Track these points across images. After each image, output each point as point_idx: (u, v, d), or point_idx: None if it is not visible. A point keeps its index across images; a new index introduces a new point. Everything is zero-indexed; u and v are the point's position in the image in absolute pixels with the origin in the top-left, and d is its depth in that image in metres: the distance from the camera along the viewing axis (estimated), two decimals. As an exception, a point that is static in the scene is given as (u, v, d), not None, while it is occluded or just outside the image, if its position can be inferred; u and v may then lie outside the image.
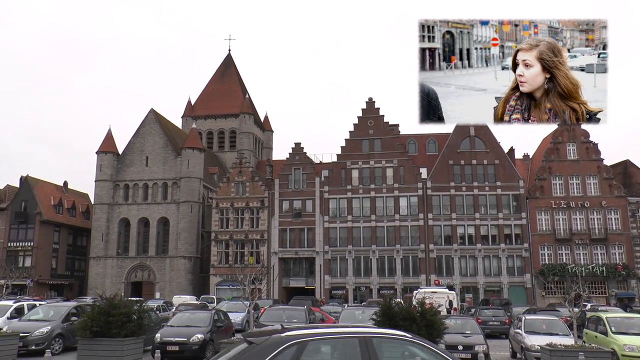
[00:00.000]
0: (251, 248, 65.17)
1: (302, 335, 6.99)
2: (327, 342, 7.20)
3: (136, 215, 70.65)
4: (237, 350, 6.93)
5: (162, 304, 40.38)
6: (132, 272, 69.80)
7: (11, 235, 74.03)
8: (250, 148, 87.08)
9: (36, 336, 20.35)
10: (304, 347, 6.81)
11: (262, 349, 6.65)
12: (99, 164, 71.85)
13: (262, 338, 6.90)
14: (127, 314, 16.87)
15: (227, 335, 20.61)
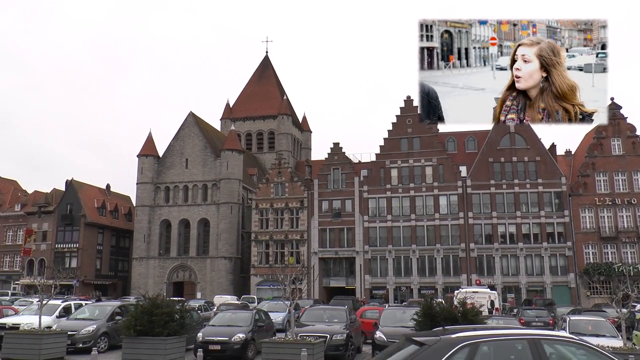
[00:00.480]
0: (291, 248, 65.43)
1: (474, 337, 6.93)
2: (497, 343, 7.09)
3: (177, 217, 71.60)
4: (407, 352, 6.86)
5: (204, 303, 40.80)
6: (173, 273, 70.76)
7: (58, 237, 76.11)
8: (288, 149, 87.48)
9: (83, 334, 20.84)
10: (477, 348, 6.75)
11: (435, 351, 6.59)
12: (140, 167, 73.07)
13: (432, 339, 6.84)
14: (169, 314, 17.12)
15: (268, 335, 20.68)
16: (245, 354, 18.76)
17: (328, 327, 19.26)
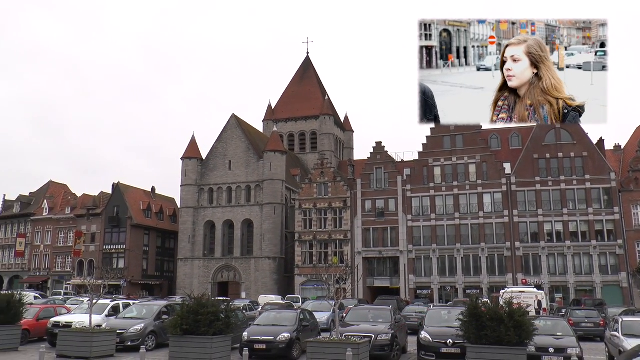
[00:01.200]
0: (335, 248, 65.46)
1: None
2: None
3: (221, 218, 72.35)
4: None
5: (249, 303, 41.07)
6: (218, 273, 71.53)
7: (106, 238, 77.87)
8: (331, 149, 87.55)
9: (131, 333, 21.29)
10: None
11: None
12: (184, 169, 74.12)
13: None
14: (215, 313, 17.30)
15: (313, 335, 20.71)
16: (291, 353, 18.83)
17: (373, 327, 19.18)
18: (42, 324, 24.28)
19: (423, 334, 18.26)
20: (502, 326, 14.67)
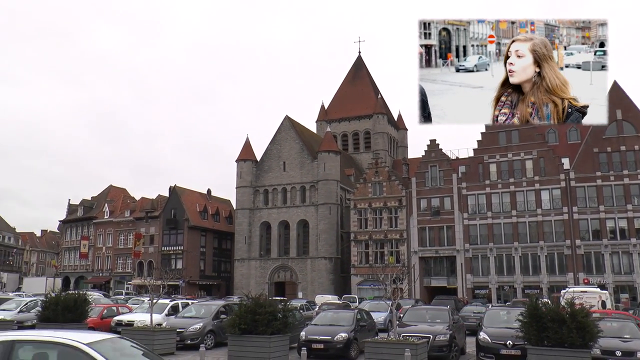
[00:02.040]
0: (391, 247, 65.11)
1: None
2: None
3: (276, 219, 72.92)
4: None
5: (305, 303, 41.27)
6: (274, 273, 72.11)
7: (164, 240, 79.61)
8: (385, 148, 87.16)
9: (191, 332, 21.67)
10: None
11: None
12: (239, 171, 75.02)
13: None
14: (272, 313, 17.39)
15: (371, 335, 20.61)
16: (348, 353, 18.79)
17: (431, 327, 18.93)
18: (106, 322, 25.11)
19: (482, 335, 17.94)
20: (564, 327, 14.26)
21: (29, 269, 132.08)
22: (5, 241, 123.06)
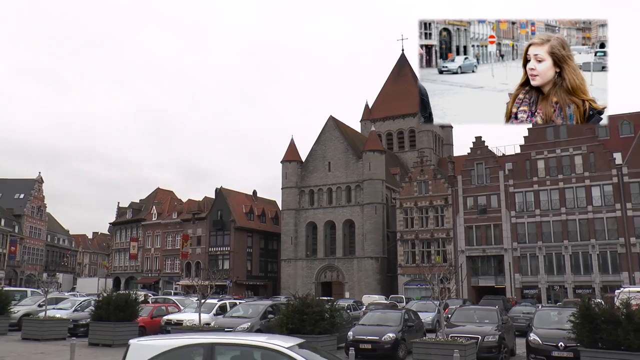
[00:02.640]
0: (437, 247, 64.51)
1: None
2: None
3: (322, 219, 73.04)
4: None
5: (352, 303, 41.23)
6: (321, 273, 72.25)
7: (211, 241, 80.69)
8: (430, 146, 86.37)
9: (238, 331, 21.81)
10: None
11: None
12: (284, 172, 75.43)
13: None
14: (319, 313, 17.44)
15: (418, 335, 20.44)
16: (396, 353, 18.68)
17: (479, 328, 18.66)
18: (155, 321, 25.56)
19: (532, 336, 17.51)
20: (619, 329, 13.78)
21: (82, 270, 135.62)
22: (60, 243, 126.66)
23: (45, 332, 23.48)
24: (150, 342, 7.82)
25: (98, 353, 19.88)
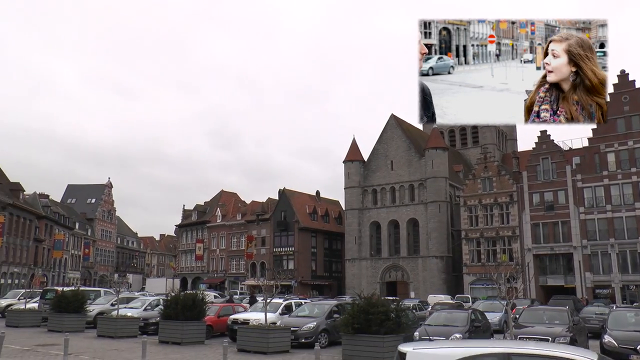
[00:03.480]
0: (503, 245, 63.14)
1: None
2: None
3: (385, 218, 72.68)
4: None
5: (418, 303, 40.86)
6: (385, 273, 71.90)
7: (275, 241, 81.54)
8: (493, 142, 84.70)
9: (305, 330, 22.04)
10: None
11: None
12: (347, 172, 75.46)
13: None
14: (385, 312, 17.35)
15: (486, 336, 20.09)
16: (463, 354, 18.38)
17: (549, 329, 18.09)
18: (222, 320, 26.05)
19: (607, 339, 16.76)
20: None
21: (150, 271, 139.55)
22: (129, 245, 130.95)
23: (118, 329, 24.55)
24: (432, 351, 7.25)
25: (168, 350, 20.45)
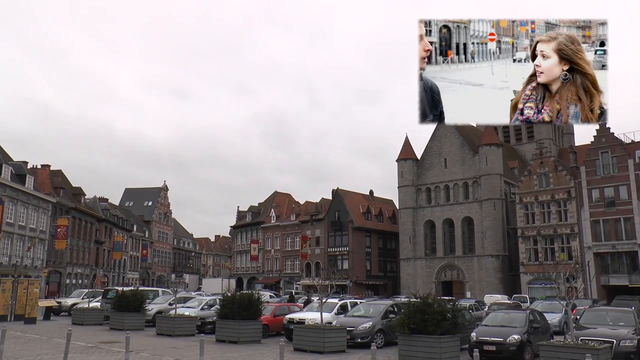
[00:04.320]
0: (561, 243, 61.50)
1: None
2: None
3: (440, 217, 71.94)
4: None
5: (474, 303, 40.28)
6: (441, 272, 71.14)
7: (329, 241, 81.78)
8: (549, 136, 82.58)
9: (360, 330, 22.03)
10: None
11: None
12: (400, 170, 75.03)
13: None
14: (441, 312, 17.17)
15: (545, 337, 19.47)
16: (522, 356, 17.93)
17: (613, 331, 17.49)
18: (278, 320, 26.38)
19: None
20: None
21: (206, 271, 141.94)
22: (185, 246, 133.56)
23: (177, 328, 25.23)
24: None
25: (225, 349, 20.74)
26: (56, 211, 64.93)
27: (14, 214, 55.53)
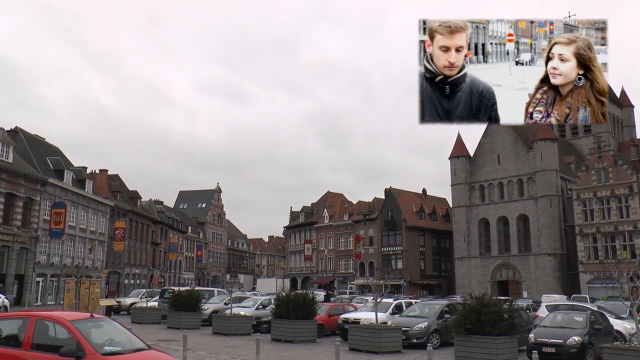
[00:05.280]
0: (623, 241, 59.47)
1: None
2: None
3: (494, 215, 70.74)
4: None
5: (531, 303, 39.46)
6: (496, 271, 69.96)
7: (383, 241, 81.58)
8: (607, 129, 79.89)
9: (416, 331, 21.94)
10: None
11: None
12: (453, 168, 74.13)
13: None
14: (498, 313, 16.92)
15: (608, 340, 18.83)
16: (583, 359, 17.53)
17: None
18: (333, 319, 26.51)
19: None
20: None
21: (260, 271, 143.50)
22: (239, 247, 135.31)
23: (232, 327, 25.67)
24: None
25: (280, 348, 20.99)
26: (114, 214, 66.76)
27: (76, 218, 57.43)
